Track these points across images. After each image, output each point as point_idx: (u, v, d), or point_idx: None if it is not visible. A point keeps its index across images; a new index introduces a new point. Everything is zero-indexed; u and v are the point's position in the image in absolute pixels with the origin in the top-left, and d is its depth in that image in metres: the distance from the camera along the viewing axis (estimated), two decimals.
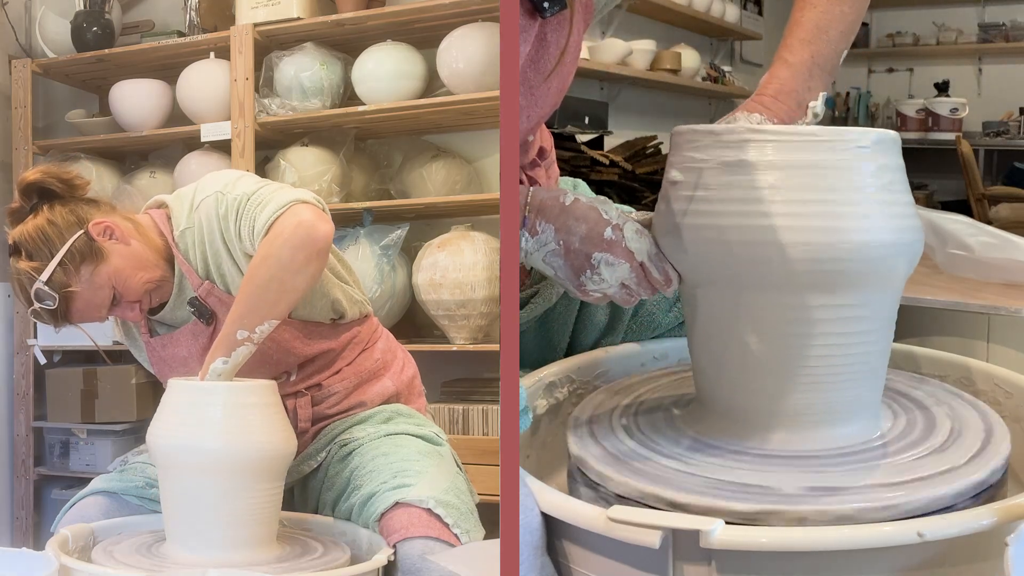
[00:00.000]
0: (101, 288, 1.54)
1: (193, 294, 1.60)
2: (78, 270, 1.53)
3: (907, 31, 6.69)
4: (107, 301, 1.56)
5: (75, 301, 1.53)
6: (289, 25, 3.11)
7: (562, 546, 0.99)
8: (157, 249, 1.60)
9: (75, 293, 1.53)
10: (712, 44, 5.50)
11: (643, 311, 1.49)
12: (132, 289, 1.57)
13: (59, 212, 1.56)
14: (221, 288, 1.59)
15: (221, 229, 1.55)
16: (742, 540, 0.87)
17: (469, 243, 2.83)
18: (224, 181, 1.59)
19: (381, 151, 3.33)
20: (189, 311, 1.60)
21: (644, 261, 1.12)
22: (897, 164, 1.04)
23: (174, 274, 1.61)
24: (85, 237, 1.54)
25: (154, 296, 1.61)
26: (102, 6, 3.44)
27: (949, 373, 1.33)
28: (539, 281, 1.48)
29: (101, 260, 1.54)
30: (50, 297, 1.51)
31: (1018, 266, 1.58)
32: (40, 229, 1.54)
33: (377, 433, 1.63)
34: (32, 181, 1.57)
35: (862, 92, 6.75)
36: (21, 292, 1.55)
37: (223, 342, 1.45)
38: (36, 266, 1.52)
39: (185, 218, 1.60)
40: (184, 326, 1.63)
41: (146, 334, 1.68)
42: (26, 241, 1.54)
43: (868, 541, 0.86)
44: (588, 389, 1.36)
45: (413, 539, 1.40)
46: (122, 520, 1.53)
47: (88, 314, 1.57)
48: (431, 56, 2.99)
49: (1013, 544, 0.80)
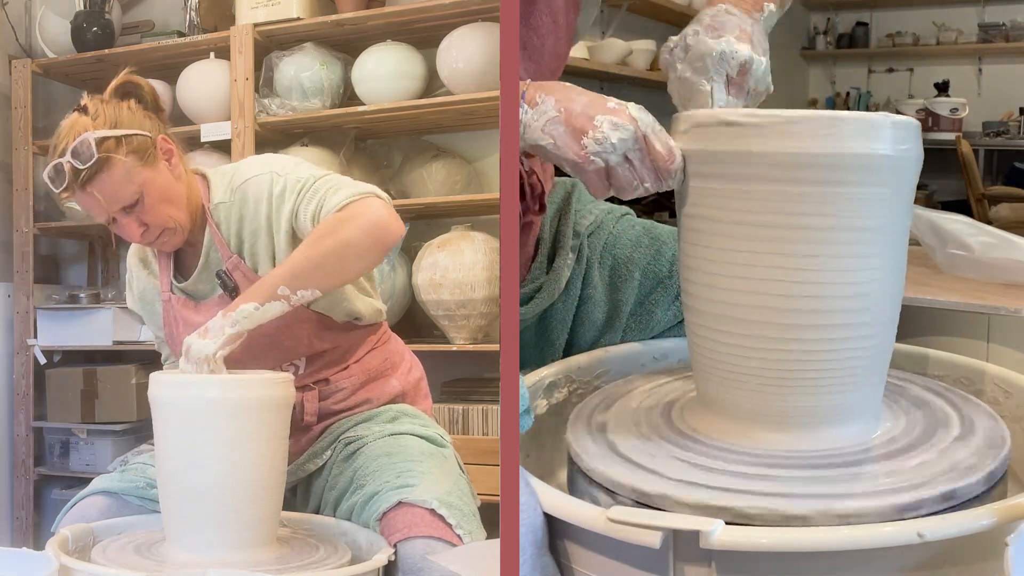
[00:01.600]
0: (132, 185, 1.53)
1: (220, 267, 1.61)
2: (126, 154, 1.52)
3: (907, 31, 6.68)
4: (128, 200, 1.54)
5: (106, 173, 1.51)
6: (289, 25, 3.11)
7: (563, 546, 0.99)
8: (193, 204, 1.62)
9: (112, 164, 1.51)
10: None
11: (642, 308, 1.49)
12: (153, 213, 1.56)
13: (140, 110, 1.58)
14: (249, 265, 1.60)
15: (271, 208, 1.57)
16: (742, 540, 0.87)
17: (469, 243, 2.83)
18: (280, 164, 1.61)
19: (381, 151, 3.33)
20: (216, 283, 1.62)
21: (647, 133, 1.09)
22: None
23: (201, 239, 1.62)
24: (149, 140, 1.56)
25: (163, 238, 1.60)
26: (102, 6, 3.44)
27: (949, 373, 1.33)
28: (541, 276, 1.48)
29: (149, 165, 1.55)
30: (89, 156, 1.49)
31: (1018, 266, 1.58)
32: (118, 108, 1.56)
33: (382, 432, 1.63)
34: (129, 80, 1.60)
35: (862, 92, 6.75)
36: (58, 145, 1.52)
37: (262, 289, 1.44)
38: (95, 124, 1.52)
39: (222, 192, 1.62)
40: (210, 298, 1.64)
41: (167, 291, 1.68)
42: (98, 110, 1.54)
43: (868, 541, 0.86)
44: (588, 389, 1.36)
45: (415, 538, 1.40)
46: (122, 520, 1.52)
47: (107, 194, 1.53)
48: (431, 56, 2.99)
49: (1013, 544, 0.80)
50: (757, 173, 1.00)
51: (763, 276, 1.01)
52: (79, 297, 3.49)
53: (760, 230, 1.01)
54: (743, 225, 1.02)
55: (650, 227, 1.57)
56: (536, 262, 1.51)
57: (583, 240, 1.52)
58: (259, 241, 1.59)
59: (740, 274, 1.02)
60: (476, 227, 2.94)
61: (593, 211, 1.56)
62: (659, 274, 1.51)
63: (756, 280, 1.02)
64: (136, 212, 1.55)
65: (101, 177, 1.51)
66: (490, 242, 2.84)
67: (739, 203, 1.02)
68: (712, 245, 1.05)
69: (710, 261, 1.05)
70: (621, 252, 1.52)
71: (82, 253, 3.83)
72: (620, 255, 1.52)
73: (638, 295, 1.50)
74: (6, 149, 3.52)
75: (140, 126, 1.56)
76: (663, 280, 1.50)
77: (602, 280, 1.51)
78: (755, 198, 1.00)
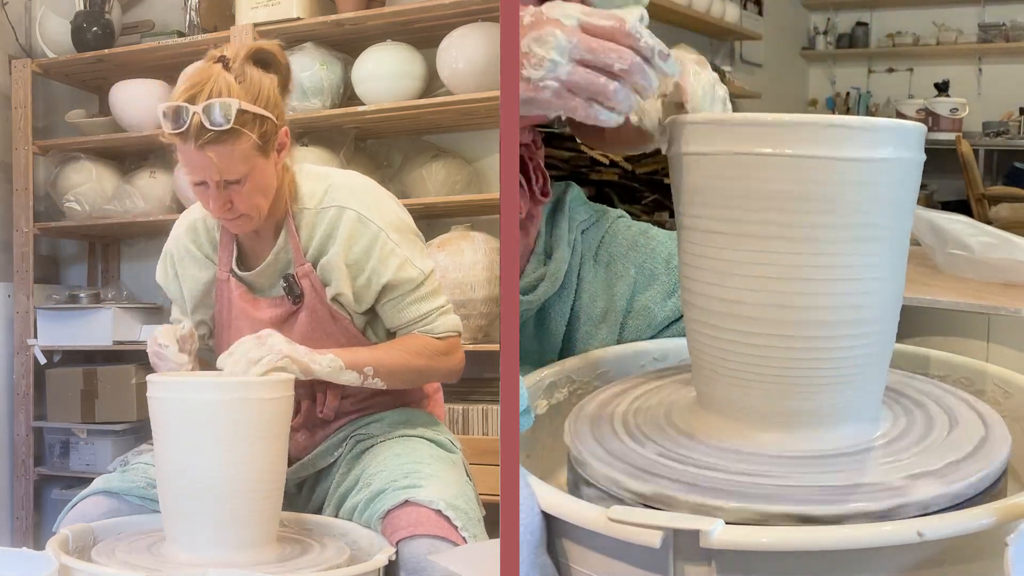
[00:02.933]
0: (244, 166, 1.50)
1: (290, 270, 1.61)
2: (257, 135, 1.49)
3: (907, 31, 6.69)
4: (232, 177, 1.50)
5: (230, 145, 1.48)
6: (289, 25, 3.11)
7: (562, 545, 0.99)
8: (279, 199, 1.61)
9: (240, 140, 1.48)
10: (712, 44, 5.50)
11: (638, 304, 1.49)
12: (247, 198, 1.54)
13: (275, 90, 1.55)
14: (319, 277, 1.61)
15: (355, 256, 1.59)
16: (742, 540, 0.87)
17: (469, 243, 2.83)
18: (366, 201, 1.62)
19: (381, 151, 3.33)
20: (281, 285, 1.62)
21: (581, 18, 0.97)
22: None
23: (271, 233, 1.62)
24: (274, 124, 1.54)
25: (239, 221, 1.57)
26: (102, 6, 3.44)
27: (949, 373, 1.33)
28: (541, 267, 1.49)
29: (264, 153, 1.52)
30: (225, 121, 1.45)
31: (1018, 266, 1.58)
32: (262, 78, 1.53)
33: (393, 433, 1.64)
34: (270, 51, 1.57)
35: (862, 92, 6.75)
36: (191, 90, 1.49)
37: (356, 359, 1.54)
38: (239, 87, 1.49)
39: (308, 198, 1.61)
40: (269, 296, 1.65)
41: (226, 272, 1.66)
42: (243, 72, 1.51)
43: (868, 541, 0.86)
44: (588, 389, 1.36)
45: (420, 537, 1.40)
46: (122, 520, 1.53)
47: (219, 163, 1.48)
48: (431, 56, 2.99)
49: (1013, 544, 0.80)
50: (758, 175, 1.00)
51: (763, 277, 1.01)
52: (79, 297, 3.49)
53: (761, 231, 1.01)
54: (744, 224, 1.02)
55: (645, 228, 1.58)
56: (534, 254, 1.52)
57: (577, 236, 1.53)
58: (340, 270, 1.59)
59: (740, 273, 1.03)
60: (476, 227, 2.94)
61: (587, 211, 1.57)
62: (654, 271, 1.51)
63: (756, 280, 1.02)
64: (231, 190, 1.52)
65: (224, 147, 1.48)
66: (490, 242, 2.85)
67: (740, 204, 1.02)
68: (712, 245, 1.05)
69: (711, 259, 1.05)
70: (617, 250, 1.53)
71: (82, 253, 3.83)
72: (616, 252, 1.53)
73: (633, 290, 1.50)
74: (6, 149, 3.52)
75: (275, 109, 1.53)
76: (658, 276, 1.51)
77: (597, 276, 1.52)
78: (756, 199, 1.00)
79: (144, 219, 3.38)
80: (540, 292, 1.47)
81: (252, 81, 1.51)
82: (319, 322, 1.62)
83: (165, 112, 1.47)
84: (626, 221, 1.59)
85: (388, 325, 1.67)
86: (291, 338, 1.58)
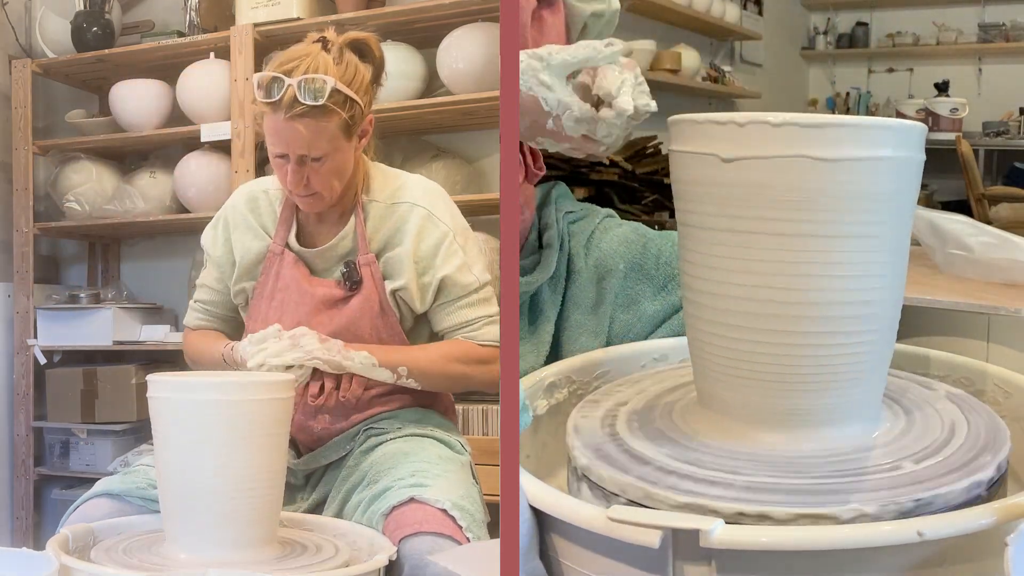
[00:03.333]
0: (328, 144, 1.54)
1: (353, 257, 1.64)
2: (345, 115, 1.54)
3: (907, 31, 6.69)
4: (313, 154, 1.54)
5: (320, 121, 1.52)
6: (289, 25, 3.11)
7: (561, 545, 0.99)
8: (352, 186, 1.64)
9: (330, 117, 1.52)
10: (712, 44, 5.50)
11: (627, 297, 1.49)
12: (322, 177, 1.57)
13: (368, 78, 1.60)
14: (381, 270, 1.63)
15: (423, 251, 1.62)
16: (742, 540, 0.87)
17: None
18: (437, 203, 1.66)
19: (381, 151, 3.33)
20: (341, 271, 1.63)
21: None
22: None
23: (338, 216, 1.65)
24: (362, 110, 1.57)
25: (311, 199, 1.60)
26: (102, 6, 3.44)
27: (949, 373, 1.33)
28: (536, 252, 1.49)
29: (348, 136, 1.57)
30: (319, 97, 1.50)
31: (1018, 266, 1.58)
32: (358, 66, 1.57)
33: (404, 430, 1.65)
34: (366, 42, 1.61)
35: (862, 92, 6.76)
36: (289, 64, 1.52)
37: (390, 357, 1.56)
38: (337, 68, 1.53)
39: (380, 191, 1.65)
40: (325, 277, 1.66)
41: (281, 244, 1.67)
42: (343, 56, 1.56)
43: (868, 540, 0.86)
44: (588, 389, 1.36)
45: (424, 535, 1.40)
46: (123, 520, 1.52)
47: (306, 137, 1.53)
48: (431, 56, 3.00)
49: (1013, 544, 0.80)
50: (758, 175, 1.00)
51: (764, 276, 1.01)
52: (79, 297, 3.49)
53: (760, 230, 1.01)
54: (744, 223, 1.02)
55: (636, 226, 1.58)
56: (528, 241, 1.53)
57: (565, 227, 1.55)
58: (407, 265, 1.61)
59: (742, 271, 1.03)
60: (476, 227, 2.93)
61: (574, 205, 1.59)
62: (644, 265, 1.51)
63: (757, 280, 1.02)
64: (309, 167, 1.56)
65: (313, 121, 1.52)
66: (490, 242, 2.84)
67: (739, 203, 1.02)
68: (712, 244, 1.05)
69: (711, 258, 1.05)
70: (607, 245, 1.53)
71: (82, 253, 3.83)
72: (605, 248, 1.53)
73: (623, 283, 1.51)
74: (6, 149, 3.52)
75: (364, 95, 1.58)
76: (648, 271, 1.51)
77: (588, 267, 1.52)
78: (755, 199, 1.00)
79: (144, 219, 3.38)
80: (538, 274, 1.48)
81: (349, 64, 1.56)
82: (368, 313, 1.64)
83: (260, 82, 1.51)
84: (615, 220, 1.60)
85: (435, 327, 1.69)
86: (337, 322, 1.61)
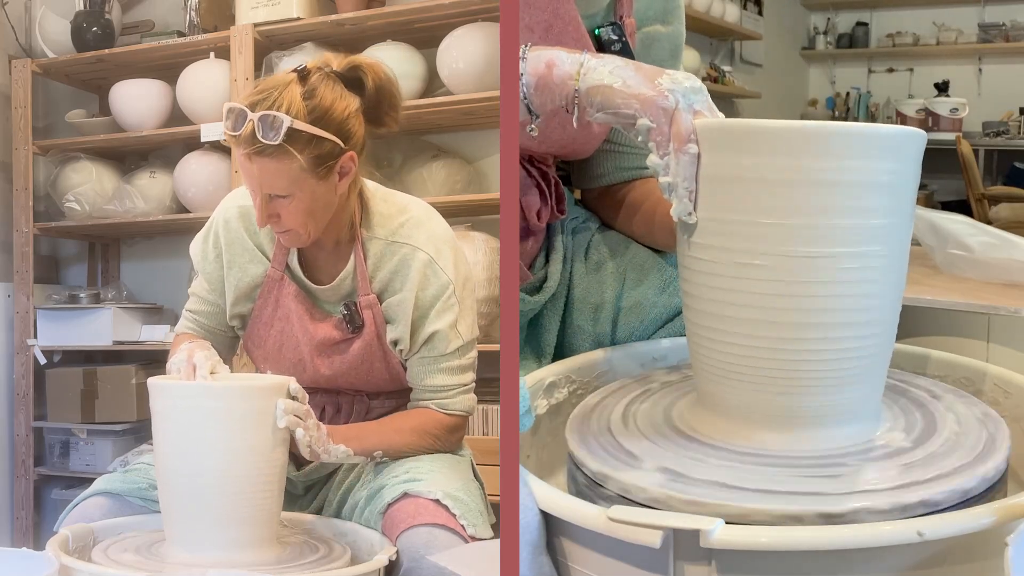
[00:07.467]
0: (289, 184, 1.44)
1: (353, 298, 1.58)
2: (307, 156, 1.43)
3: (907, 31, 6.69)
4: (276, 192, 1.45)
5: (274, 160, 1.42)
6: (289, 25, 3.11)
7: (562, 545, 0.99)
8: (342, 222, 1.55)
9: (283, 157, 1.42)
10: (712, 44, 5.50)
11: (628, 298, 1.50)
12: (291, 215, 1.47)
13: (358, 110, 1.49)
14: (382, 310, 1.57)
15: (422, 301, 1.55)
16: (742, 540, 0.87)
17: (469, 243, 2.83)
18: (441, 249, 1.56)
19: (381, 151, 3.33)
20: (341, 312, 1.57)
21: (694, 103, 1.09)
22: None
23: (338, 248, 1.57)
24: (338, 151, 1.46)
25: (286, 235, 1.51)
26: (102, 6, 3.44)
27: (949, 373, 1.33)
28: (543, 267, 1.50)
29: (318, 175, 1.45)
30: (272, 136, 1.40)
31: (1018, 266, 1.59)
32: (339, 96, 1.46)
33: None
34: (364, 69, 1.50)
35: (862, 92, 6.76)
36: (259, 95, 1.43)
37: (364, 446, 1.52)
38: (304, 101, 1.43)
39: (379, 228, 1.57)
40: (328, 318, 1.59)
41: (279, 269, 1.59)
42: (317, 88, 1.45)
43: (868, 541, 0.86)
44: (588, 389, 1.36)
45: (418, 527, 1.40)
46: (123, 520, 1.52)
47: (263, 176, 1.44)
48: (431, 56, 2.99)
49: (1013, 544, 0.81)
50: (758, 179, 1.00)
51: (764, 277, 1.01)
52: (79, 297, 3.49)
53: (761, 232, 1.01)
54: (744, 225, 1.02)
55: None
56: (535, 262, 1.54)
57: (568, 235, 1.57)
58: (407, 313, 1.55)
59: (741, 275, 1.03)
60: (476, 227, 2.94)
61: (575, 211, 1.61)
62: (644, 267, 1.52)
63: (757, 281, 1.02)
64: (277, 203, 1.47)
65: (269, 161, 1.42)
66: (490, 242, 2.84)
67: (740, 206, 1.02)
68: (713, 245, 1.05)
69: (711, 261, 1.06)
70: (607, 250, 1.55)
71: (82, 253, 3.83)
72: (605, 252, 1.55)
73: (624, 287, 1.51)
74: (6, 149, 3.52)
75: (341, 129, 1.46)
76: (649, 273, 1.51)
77: (588, 273, 1.54)
78: (756, 202, 1.01)
79: (144, 219, 3.38)
80: (545, 292, 1.49)
81: (321, 99, 1.45)
82: (370, 356, 1.59)
83: (228, 111, 1.43)
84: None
85: (410, 380, 1.61)
86: (337, 364, 1.57)
